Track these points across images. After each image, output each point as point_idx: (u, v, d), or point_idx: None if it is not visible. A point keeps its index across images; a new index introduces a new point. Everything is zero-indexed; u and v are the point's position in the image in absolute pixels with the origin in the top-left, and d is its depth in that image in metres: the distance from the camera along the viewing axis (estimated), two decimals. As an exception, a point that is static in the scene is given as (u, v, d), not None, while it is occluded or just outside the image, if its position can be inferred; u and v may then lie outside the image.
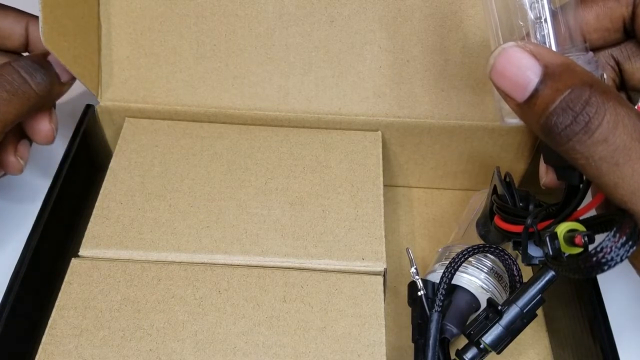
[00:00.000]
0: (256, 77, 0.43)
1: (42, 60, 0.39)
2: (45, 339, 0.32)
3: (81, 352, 0.32)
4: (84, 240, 0.36)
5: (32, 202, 0.45)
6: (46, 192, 0.39)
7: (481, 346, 0.30)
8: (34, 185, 0.47)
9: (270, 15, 0.42)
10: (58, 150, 0.42)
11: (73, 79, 0.40)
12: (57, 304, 0.34)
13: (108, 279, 0.35)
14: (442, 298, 0.33)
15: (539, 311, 0.30)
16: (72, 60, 0.39)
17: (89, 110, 0.44)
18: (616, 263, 0.24)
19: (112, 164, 0.40)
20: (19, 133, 0.42)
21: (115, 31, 0.42)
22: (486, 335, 0.30)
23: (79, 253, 0.36)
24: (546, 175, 0.32)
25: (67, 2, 0.38)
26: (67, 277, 0.35)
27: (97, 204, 0.38)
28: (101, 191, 0.39)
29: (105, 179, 0.39)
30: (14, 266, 0.35)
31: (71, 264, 0.35)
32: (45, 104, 0.40)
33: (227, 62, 0.43)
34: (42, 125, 0.41)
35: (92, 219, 0.37)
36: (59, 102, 0.53)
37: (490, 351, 0.30)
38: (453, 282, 0.35)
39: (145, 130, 0.42)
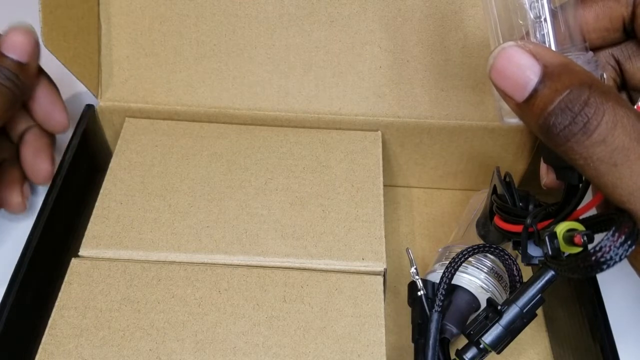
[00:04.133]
0: (256, 77, 0.43)
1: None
2: (45, 339, 0.32)
3: (81, 352, 0.32)
4: (84, 240, 0.36)
5: (33, 202, 0.45)
6: (46, 192, 0.39)
7: (481, 346, 0.30)
8: (34, 186, 0.47)
9: (270, 15, 0.42)
10: (58, 150, 0.42)
11: (35, 55, 0.40)
12: (57, 304, 0.34)
13: (108, 279, 0.35)
14: (442, 298, 0.33)
15: (539, 311, 0.30)
16: (72, 60, 0.39)
17: (89, 110, 0.44)
18: (615, 262, 0.24)
19: (112, 164, 0.40)
20: (21, 173, 0.43)
21: (115, 31, 0.42)
22: (486, 335, 0.30)
23: (79, 253, 0.36)
24: (547, 176, 0.32)
25: (67, 2, 0.38)
26: (67, 277, 0.35)
27: (97, 204, 0.38)
28: (101, 191, 0.39)
29: (105, 179, 0.39)
30: (14, 266, 0.35)
31: (71, 264, 0.35)
32: (22, 93, 0.40)
33: (227, 62, 0.43)
34: (56, 115, 0.42)
35: (92, 219, 0.37)
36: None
37: (490, 351, 0.30)
38: (453, 282, 0.35)
39: (145, 130, 0.42)
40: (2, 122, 0.38)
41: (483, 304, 0.36)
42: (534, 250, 0.30)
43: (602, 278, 0.35)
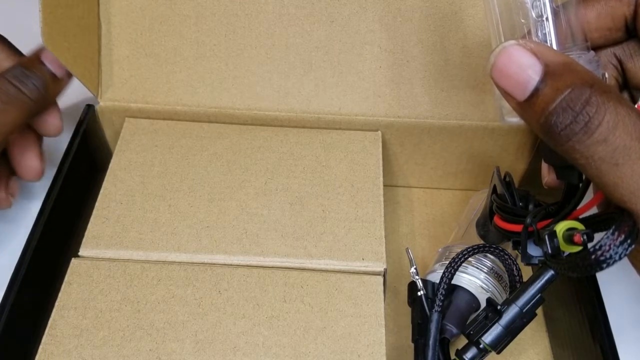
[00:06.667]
0: (256, 77, 0.43)
1: (34, 64, 0.38)
2: (45, 339, 0.32)
3: (81, 352, 0.32)
4: (84, 240, 0.36)
5: (32, 202, 0.45)
6: (46, 192, 0.39)
7: (481, 346, 0.30)
8: (34, 185, 0.47)
9: (270, 15, 0.42)
10: (58, 150, 0.42)
11: (70, 74, 0.40)
12: (57, 304, 0.34)
13: (108, 279, 0.35)
14: (442, 298, 0.33)
15: (539, 311, 0.30)
16: (72, 60, 0.39)
17: (89, 110, 0.44)
18: (615, 261, 0.24)
19: (112, 164, 0.40)
20: (9, 169, 0.42)
21: (115, 31, 0.42)
22: (486, 335, 0.29)
23: (79, 253, 0.36)
24: (548, 175, 0.32)
25: (67, 2, 0.38)
26: (67, 277, 0.35)
27: (97, 204, 0.38)
28: (101, 191, 0.39)
29: (105, 179, 0.39)
30: (14, 266, 0.35)
31: (71, 264, 0.35)
32: (44, 105, 0.40)
33: (227, 62, 0.43)
34: (51, 119, 0.41)
35: (92, 219, 0.37)
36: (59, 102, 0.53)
37: (490, 351, 0.30)
38: (453, 282, 0.35)
39: (145, 130, 0.42)
40: (12, 134, 0.38)
41: (483, 304, 0.36)
42: (533, 250, 0.30)
43: (602, 278, 0.35)
